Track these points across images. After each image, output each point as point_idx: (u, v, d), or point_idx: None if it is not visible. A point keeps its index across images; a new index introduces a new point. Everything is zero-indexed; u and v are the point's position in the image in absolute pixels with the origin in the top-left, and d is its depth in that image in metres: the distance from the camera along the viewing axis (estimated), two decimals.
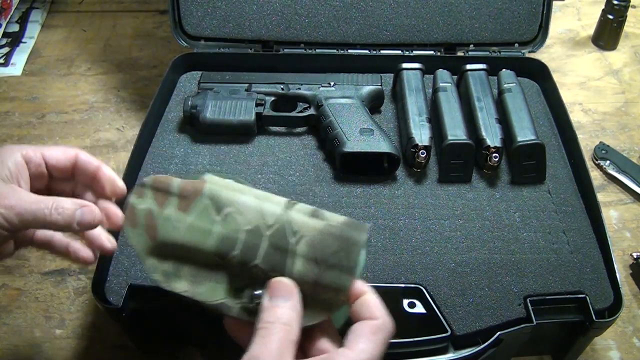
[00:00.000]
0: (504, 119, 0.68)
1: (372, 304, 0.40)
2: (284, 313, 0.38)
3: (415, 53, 0.79)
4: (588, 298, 0.55)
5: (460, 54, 0.80)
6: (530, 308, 0.54)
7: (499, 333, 0.53)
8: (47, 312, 0.65)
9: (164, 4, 0.90)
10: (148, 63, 0.96)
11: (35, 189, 0.47)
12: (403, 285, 0.56)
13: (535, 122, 0.69)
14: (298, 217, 0.41)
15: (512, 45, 0.80)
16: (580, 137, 0.69)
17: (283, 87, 0.73)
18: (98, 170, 0.48)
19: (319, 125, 0.70)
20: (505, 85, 0.72)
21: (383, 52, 0.80)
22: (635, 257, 0.67)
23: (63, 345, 0.62)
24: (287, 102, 0.73)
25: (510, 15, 0.78)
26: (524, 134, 0.65)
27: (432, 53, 0.80)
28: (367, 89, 0.72)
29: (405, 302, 0.55)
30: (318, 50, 0.79)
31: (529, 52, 0.80)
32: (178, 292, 0.41)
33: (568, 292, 0.56)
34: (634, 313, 0.65)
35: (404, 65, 0.74)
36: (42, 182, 0.49)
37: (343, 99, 0.70)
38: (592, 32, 1.00)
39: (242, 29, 0.79)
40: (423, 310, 0.55)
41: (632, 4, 0.95)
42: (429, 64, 0.75)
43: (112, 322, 0.57)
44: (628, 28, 0.99)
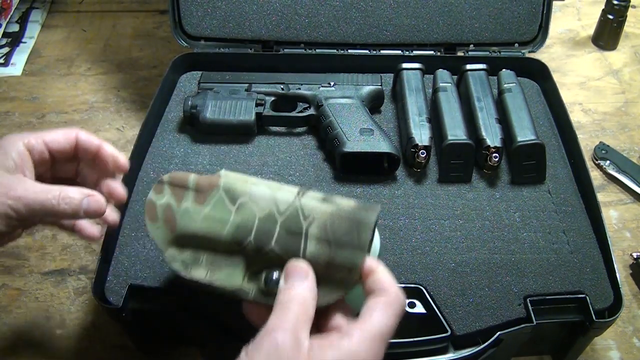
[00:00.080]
0: (504, 119, 0.68)
1: (384, 280, 0.41)
2: (300, 292, 0.40)
3: (415, 53, 0.79)
4: (588, 298, 0.55)
5: (460, 54, 0.80)
6: (530, 308, 0.54)
7: (499, 333, 0.53)
8: (47, 312, 0.65)
9: (164, 4, 0.90)
10: (148, 63, 0.96)
11: (39, 174, 0.48)
12: (403, 285, 0.56)
13: (535, 122, 0.69)
14: (309, 202, 0.43)
15: (512, 45, 0.80)
16: (580, 137, 0.69)
17: (283, 87, 0.73)
18: (99, 149, 0.50)
19: (319, 125, 0.70)
20: (505, 85, 0.72)
21: (383, 52, 0.80)
22: (635, 257, 0.67)
23: (63, 345, 0.62)
24: (287, 102, 0.73)
25: (510, 15, 0.78)
26: (524, 134, 0.65)
27: (432, 53, 0.80)
28: (367, 89, 0.72)
29: (405, 302, 0.55)
30: (318, 50, 0.79)
31: (529, 52, 0.80)
32: (197, 279, 0.43)
33: (568, 292, 0.56)
34: (634, 313, 0.65)
35: (404, 65, 0.74)
36: (45, 167, 0.50)
37: (343, 99, 0.70)
38: (592, 32, 1.00)
39: (242, 29, 0.79)
40: (423, 310, 0.55)
41: (632, 4, 0.95)
42: (429, 64, 0.75)
43: (112, 322, 0.57)
44: (628, 28, 0.99)
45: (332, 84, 0.72)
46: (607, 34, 0.97)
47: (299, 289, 0.40)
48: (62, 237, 0.72)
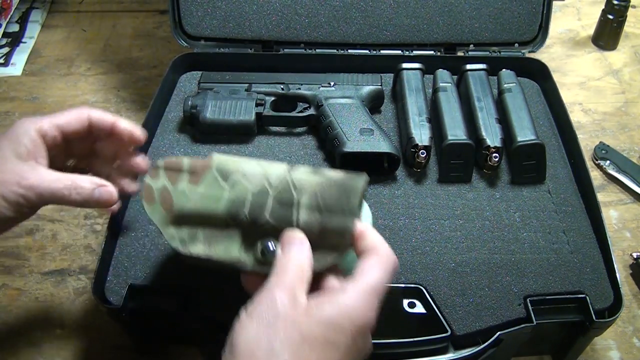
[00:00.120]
0: (504, 119, 0.68)
1: (375, 240, 0.42)
2: (296, 256, 0.41)
3: (415, 53, 0.79)
4: (588, 298, 0.55)
5: (460, 54, 0.80)
6: (530, 308, 0.54)
7: (499, 333, 0.53)
8: (47, 312, 0.65)
9: (164, 4, 0.90)
10: (148, 63, 0.96)
11: (53, 156, 0.49)
12: (403, 285, 0.56)
13: (535, 122, 0.69)
14: (299, 175, 0.45)
15: (512, 45, 0.80)
16: (580, 137, 0.69)
17: (283, 87, 0.73)
18: (114, 126, 0.51)
19: (319, 125, 0.70)
20: (505, 85, 0.72)
21: (383, 52, 0.80)
22: (635, 257, 0.67)
23: (63, 345, 0.62)
24: (287, 102, 0.73)
25: (510, 15, 0.78)
26: (524, 134, 0.65)
27: (432, 53, 0.80)
28: (367, 89, 0.72)
29: (405, 302, 0.55)
30: (318, 50, 0.79)
31: (529, 52, 0.80)
32: (196, 254, 0.45)
33: (568, 292, 0.56)
34: (634, 313, 0.65)
35: (404, 65, 0.74)
36: (59, 149, 0.50)
37: (343, 99, 0.70)
38: (592, 32, 1.00)
39: (242, 29, 0.79)
40: (423, 310, 0.55)
41: (632, 4, 0.95)
42: (429, 64, 0.75)
43: (112, 322, 0.57)
44: (628, 28, 0.99)
45: (332, 84, 0.72)
46: (607, 34, 0.97)
47: (296, 255, 0.42)
48: (62, 237, 0.72)
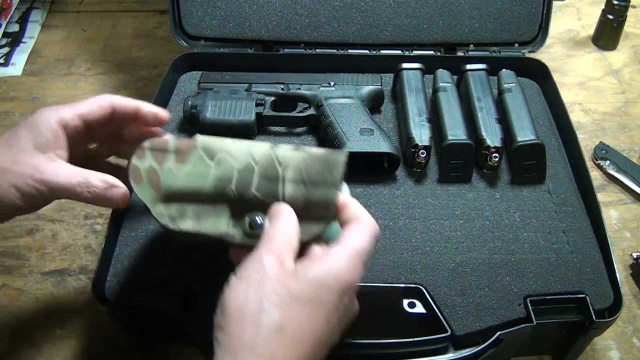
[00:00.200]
0: (504, 119, 0.68)
1: (357, 210, 0.45)
2: (284, 226, 0.43)
3: (415, 53, 0.79)
4: (588, 298, 0.55)
5: (460, 54, 0.80)
6: (530, 308, 0.54)
7: (499, 333, 0.53)
8: (47, 312, 0.65)
9: (164, 4, 0.90)
10: (148, 63, 0.96)
11: (74, 144, 0.49)
12: (403, 285, 0.56)
13: (535, 122, 0.69)
14: (283, 152, 0.47)
15: (512, 45, 0.80)
16: (580, 137, 0.69)
17: (283, 87, 0.73)
18: (138, 110, 0.52)
19: (319, 125, 0.70)
20: (505, 85, 0.72)
21: (383, 52, 0.80)
22: (635, 257, 0.67)
23: (63, 346, 0.62)
24: (287, 102, 0.73)
25: (510, 15, 0.78)
26: (524, 134, 0.65)
27: (432, 53, 0.80)
28: (367, 89, 0.72)
29: (405, 302, 0.55)
30: (318, 50, 0.79)
31: (529, 52, 0.80)
32: (185, 230, 0.46)
33: (568, 292, 0.56)
34: (634, 313, 0.65)
35: (404, 65, 0.74)
36: (80, 137, 0.51)
37: (343, 99, 0.70)
38: (592, 32, 1.00)
39: (242, 29, 0.79)
40: (423, 310, 0.55)
41: (632, 4, 0.95)
42: (429, 64, 0.75)
43: (112, 322, 0.57)
44: (628, 28, 0.99)
45: (332, 84, 0.72)
46: (607, 34, 0.97)
47: (283, 224, 0.43)
48: (62, 237, 0.72)
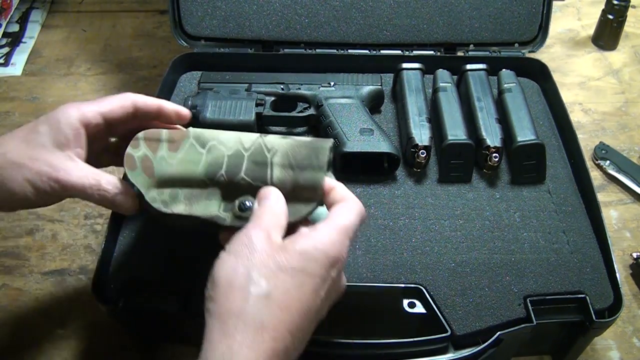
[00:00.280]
0: (504, 119, 0.68)
1: (343, 192, 0.46)
2: (272, 207, 0.45)
3: (415, 53, 0.79)
4: (588, 298, 0.55)
5: (460, 54, 0.80)
6: (530, 308, 0.54)
7: (499, 333, 0.53)
8: (47, 312, 0.65)
9: (164, 4, 0.90)
10: (148, 63, 0.96)
11: (93, 140, 0.50)
12: (403, 285, 0.56)
13: (535, 122, 0.69)
14: (271, 139, 0.50)
15: (512, 45, 0.80)
16: (580, 137, 0.69)
17: (283, 87, 0.73)
18: (160, 108, 0.53)
19: (319, 125, 0.70)
20: (505, 85, 0.72)
21: (383, 52, 0.80)
22: (635, 257, 0.67)
23: (63, 345, 0.62)
24: (287, 102, 0.73)
25: (510, 15, 0.78)
26: (524, 134, 0.65)
27: (432, 53, 0.80)
28: (367, 89, 0.72)
29: (405, 302, 0.55)
30: (318, 50, 0.79)
31: (529, 52, 0.80)
32: (178, 213, 0.48)
33: (568, 292, 0.56)
34: (634, 313, 0.65)
35: (404, 65, 0.74)
36: (101, 134, 0.52)
37: (343, 99, 0.70)
38: (592, 32, 1.00)
39: (242, 29, 0.79)
40: (423, 310, 0.55)
41: (632, 4, 0.95)
42: (429, 64, 0.75)
43: (112, 322, 0.57)
44: (628, 28, 0.99)
45: (332, 84, 0.72)
46: (607, 34, 0.97)
47: (271, 205, 0.45)
48: (62, 237, 0.72)
